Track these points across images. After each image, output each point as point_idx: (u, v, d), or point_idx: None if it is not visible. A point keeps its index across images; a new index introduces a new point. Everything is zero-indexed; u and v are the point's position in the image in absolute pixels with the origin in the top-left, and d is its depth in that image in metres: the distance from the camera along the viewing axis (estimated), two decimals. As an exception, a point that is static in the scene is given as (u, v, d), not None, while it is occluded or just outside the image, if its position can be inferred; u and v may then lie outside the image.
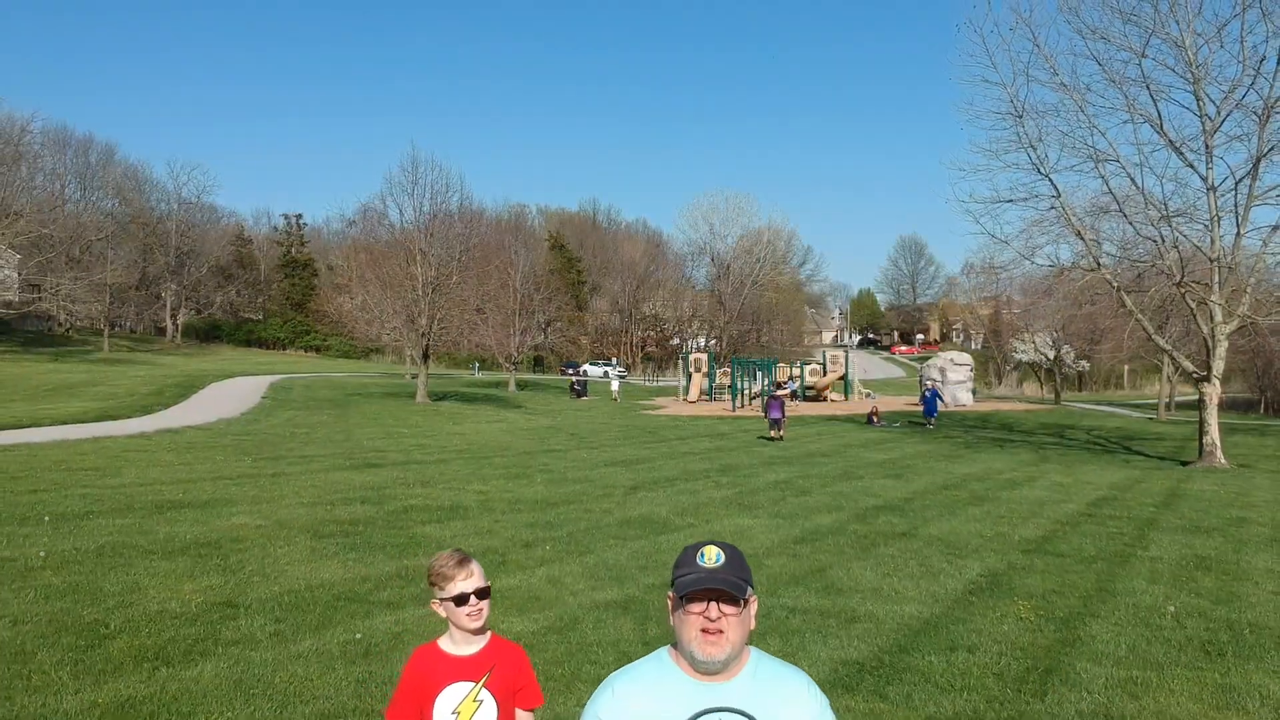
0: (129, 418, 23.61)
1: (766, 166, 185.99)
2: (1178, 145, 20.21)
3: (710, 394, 45.29)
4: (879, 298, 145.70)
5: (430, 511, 11.26)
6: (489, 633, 2.50)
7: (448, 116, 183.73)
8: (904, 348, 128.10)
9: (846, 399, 45.70)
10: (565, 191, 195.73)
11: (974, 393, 42.92)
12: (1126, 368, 75.84)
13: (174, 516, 10.19)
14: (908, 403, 42.51)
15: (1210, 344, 19.75)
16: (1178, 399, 46.03)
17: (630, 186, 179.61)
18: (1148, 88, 19.65)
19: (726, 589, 1.82)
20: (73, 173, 69.14)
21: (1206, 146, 19.90)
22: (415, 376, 45.98)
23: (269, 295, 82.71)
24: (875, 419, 31.27)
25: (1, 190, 46.01)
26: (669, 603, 1.88)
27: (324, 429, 23.13)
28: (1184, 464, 20.12)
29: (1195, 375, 20.78)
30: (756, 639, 2.23)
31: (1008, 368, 62.26)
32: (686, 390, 45.44)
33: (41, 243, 44.04)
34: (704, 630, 1.83)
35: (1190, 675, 5.76)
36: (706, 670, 1.85)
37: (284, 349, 78.60)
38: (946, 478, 16.39)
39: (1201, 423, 20.11)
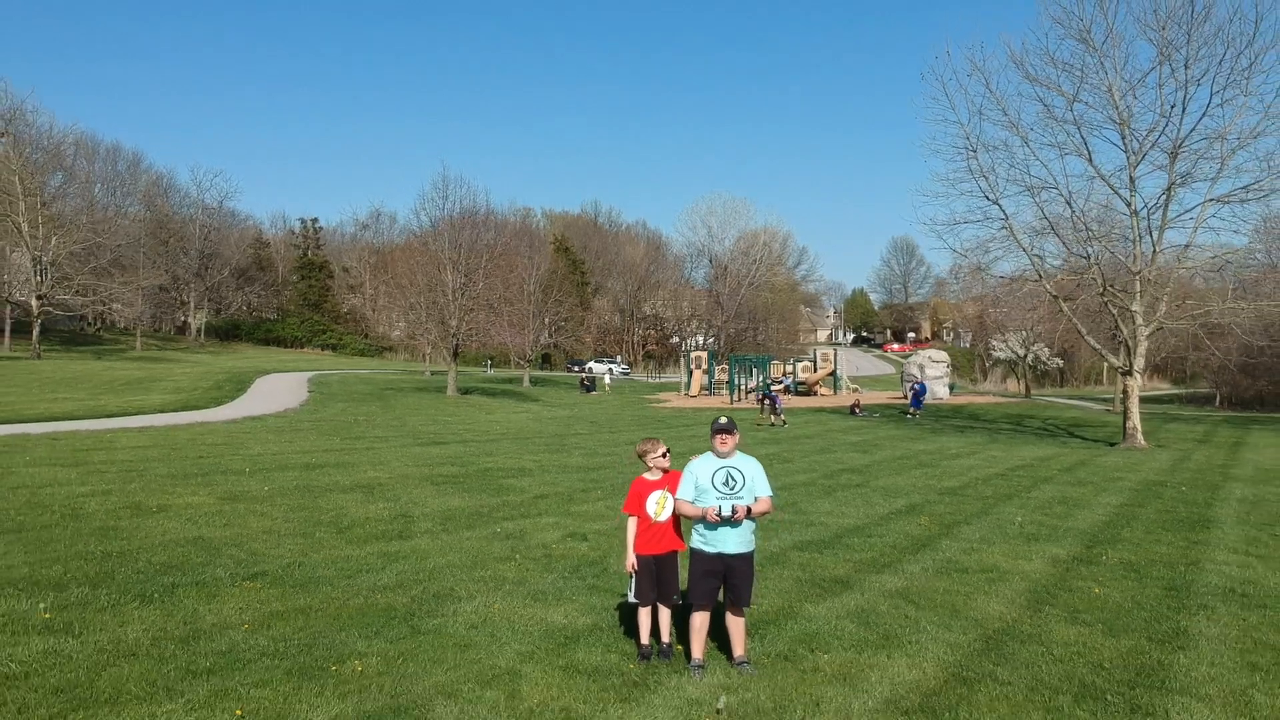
0: (207, 408, 27.25)
1: (763, 168, 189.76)
2: (1107, 177, 23.95)
3: (710, 389, 48.99)
4: (872, 297, 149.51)
5: (504, 472, 14.96)
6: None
7: (452, 120, 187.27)
8: (896, 345, 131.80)
9: (835, 393, 49.44)
10: (567, 193, 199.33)
11: (951, 387, 46.70)
12: (1106, 365, 79.74)
13: (323, 472, 13.89)
14: (891, 397, 46.23)
15: (1131, 344, 23.50)
16: (1141, 394, 49.65)
17: (630, 189, 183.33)
18: (1079, 129, 23.36)
19: (728, 428, 5.46)
20: (100, 179, 72.72)
21: (1130, 178, 23.63)
22: (434, 373, 49.79)
23: (286, 296, 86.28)
24: (857, 410, 34.99)
25: (55, 201, 49.57)
26: (711, 433, 5.55)
27: (379, 417, 26.81)
28: (1111, 445, 23.84)
29: (1120, 370, 24.50)
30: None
31: (988, 364, 66.04)
32: (688, 386, 49.14)
33: (88, 251, 47.65)
34: (719, 442, 5.46)
35: (1008, 547, 9.49)
36: (721, 456, 5.45)
37: (301, 347, 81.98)
38: (904, 452, 20.13)
39: (1125, 410, 23.84)
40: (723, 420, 5.54)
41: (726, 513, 5.29)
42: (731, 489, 5.42)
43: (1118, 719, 4.93)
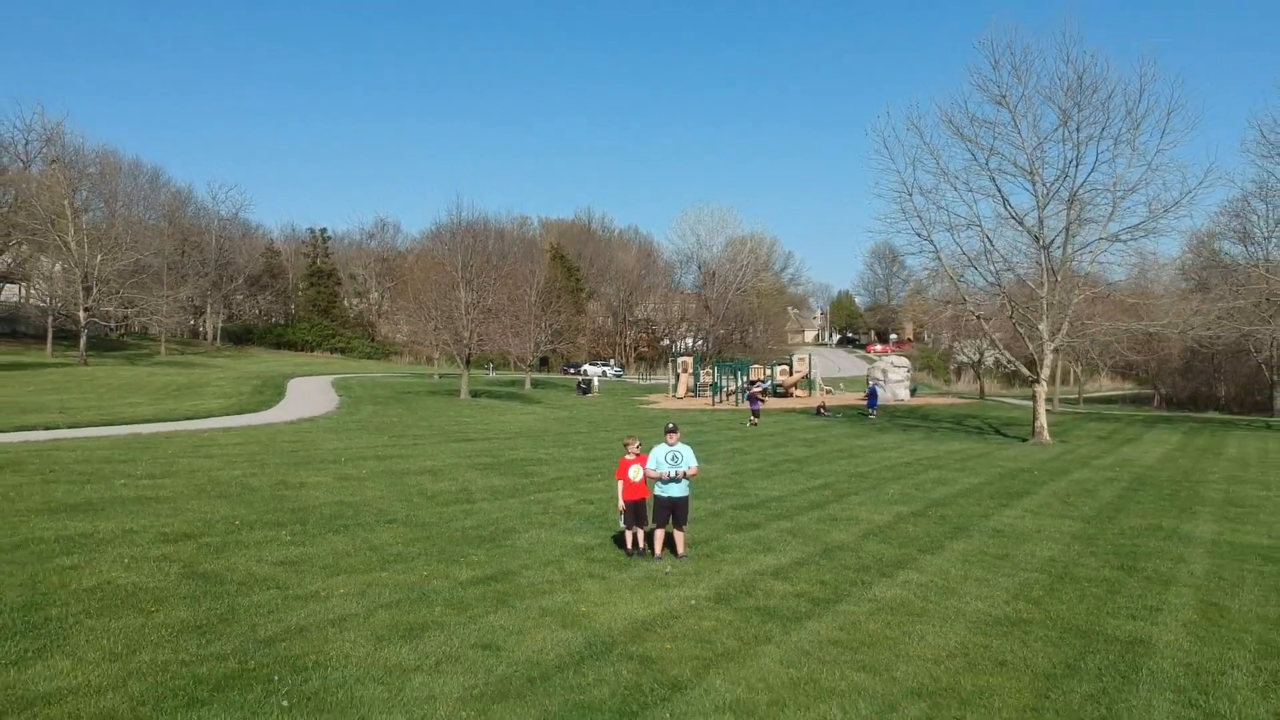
0: (258, 411, 31.72)
1: (757, 169, 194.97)
2: (1020, 217, 28.74)
3: (695, 391, 53.75)
4: (857, 300, 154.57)
5: (527, 461, 19.64)
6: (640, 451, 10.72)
7: (452, 121, 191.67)
8: (879, 346, 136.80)
9: (810, 395, 54.23)
10: (563, 196, 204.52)
11: (913, 390, 51.52)
12: (1073, 368, 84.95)
13: (394, 461, 18.55)
14: (859, 398, 51.01)
15: (1038, 357, 28.30)
16: (1088, 395, 54.65)
17: (625, 191, 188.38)
18: (993, 178, 28.15)
19: (673, 429, 10.10)
20: (123, 194, 76.97)
21: (1040, 219, 28.42)
22: (441, 376, 54.44)
23: (296, 302, 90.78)
24: (823, 410, 39.74)
25: (84, 214, 53.98)
26: (664, 432, 10.22)
27: (409, 418, 31.44)
28: (1024, 441, 28.61)
29: (1030, 378, 29.32)
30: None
31: (951, 367, 71.00)
32: (675, 388, 53.86)
33: (129, 266, 52.17)
34: (668, 437, 10.12)
35: (874, 508, 14.21)
36: (669, 444, 10.07)
37: (311, 351, 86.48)
38: (845, 447, 24.89)
39: (1034, 412, 28.66)
40: (670, 425, 10.26)
41: (671, 474, 10.00)
42: (675, 463, 10.13)
43: (870, 575, 9.65)
